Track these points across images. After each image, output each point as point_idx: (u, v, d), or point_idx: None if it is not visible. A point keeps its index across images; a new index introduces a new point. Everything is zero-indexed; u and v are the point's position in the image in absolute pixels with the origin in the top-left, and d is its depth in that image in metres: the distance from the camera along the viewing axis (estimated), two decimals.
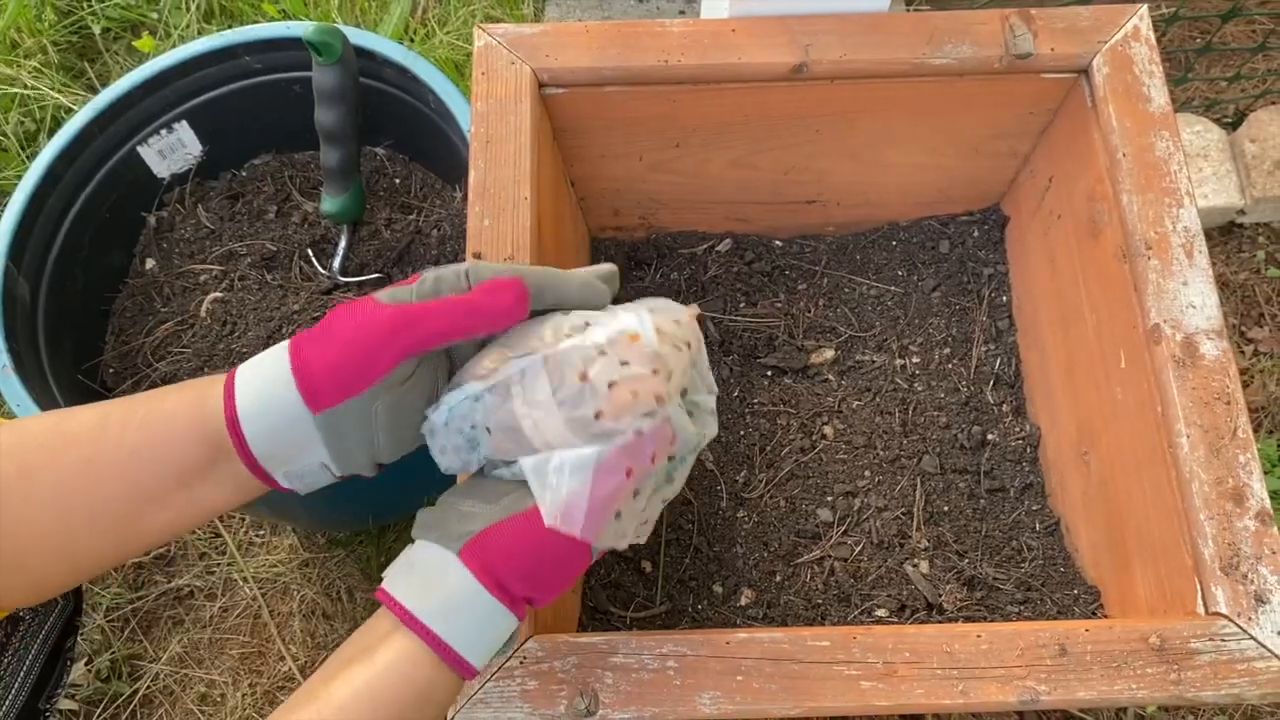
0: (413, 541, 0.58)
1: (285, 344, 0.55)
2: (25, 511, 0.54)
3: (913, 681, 0.64)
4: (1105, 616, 0.81)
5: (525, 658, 0.64)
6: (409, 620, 0.53)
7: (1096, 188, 0.82)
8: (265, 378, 0.54)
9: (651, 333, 0.56)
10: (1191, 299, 0.73)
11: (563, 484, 0.54)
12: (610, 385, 0.54)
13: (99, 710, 1.14)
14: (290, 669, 1.14)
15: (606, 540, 0.56)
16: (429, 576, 0.54)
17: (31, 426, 0.56)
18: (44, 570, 0.58)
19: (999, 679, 0.64)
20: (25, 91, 1.39)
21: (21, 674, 0.71)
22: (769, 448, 0.92)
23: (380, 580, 0.57)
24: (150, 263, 1.08)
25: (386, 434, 0.56)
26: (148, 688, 1.16)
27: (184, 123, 1.07)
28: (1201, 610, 0.66)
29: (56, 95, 1.38)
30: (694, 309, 0.61)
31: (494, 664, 0.64)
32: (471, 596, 0.54)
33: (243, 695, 1.14)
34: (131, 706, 1.15)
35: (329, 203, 1.01)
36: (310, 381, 0.53)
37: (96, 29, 1.47)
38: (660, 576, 0.87)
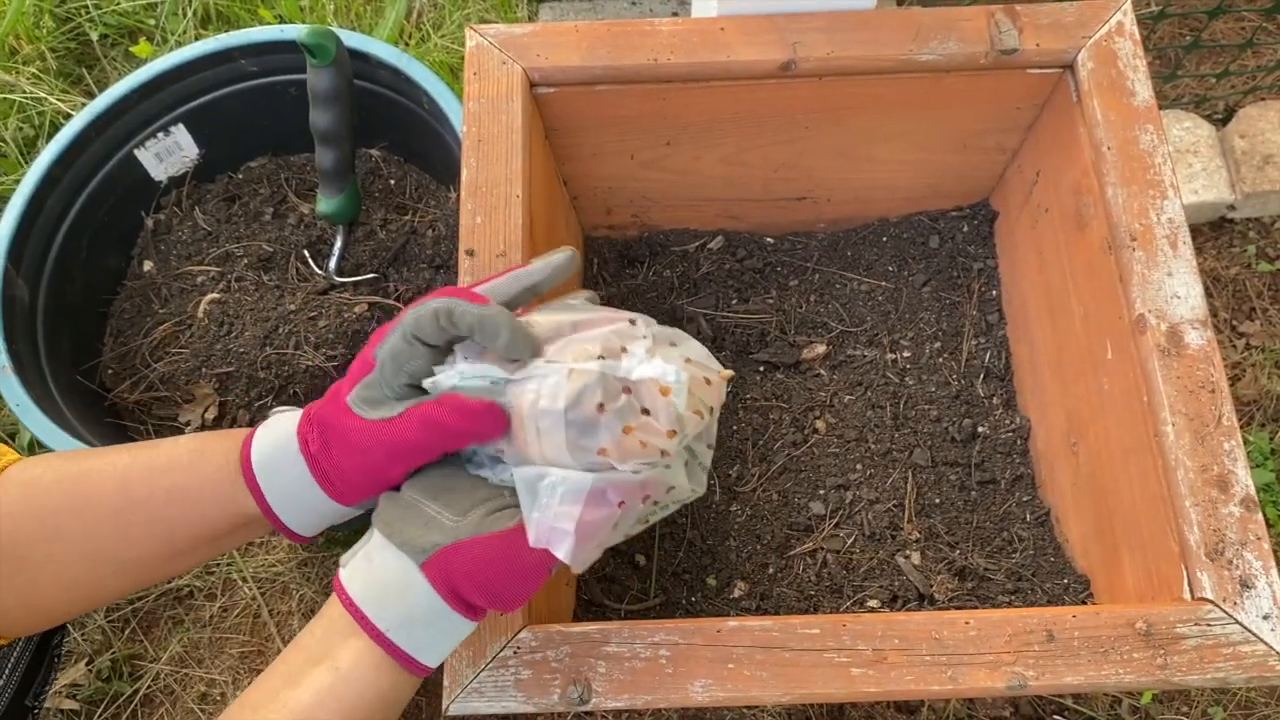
0: (371, 530, 0.58)
1: (294, 436, 0.57)
2: (52, 566, 0.57)
3: (902, 668, 0.64)
4: (1094, 604, 0.81)
5: (519, 648, 0.65)
6: (372, 632, 0.55)
7: (1082, 181, 0.82)
8: (289, 477, 0.57)
9: (684, 395, 0.56)
10: (1176, 289, 0.74)
11: (553, 504, 0.54)
12: (625, 429, 0.54)
13: (100, 710, 1.15)
14: None
15: (576, 563, 0.56)
16: (390, 586, 0.55)
17: (45, 480, 0.58)
18: (65, 611, 0.61)
19: (988, 665, 0.64)
20: (24, 98, 1.40)
21: (7, 672, 0.72)
22: (761, 442, 0.93)
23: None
24: (148, 264, 1.09)
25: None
26: (148, 687, 1.16)
27: (180, 126, 1.08)
28: (1188, 596, 0.67)
29: (55, 101, 1.39)
30: (728, 373, 0.61)
31: (488, 654, 0.65)
32: (435, 613, 0.55)
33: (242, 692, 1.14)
34: (132, 706, 1.15)
35: (324, 204, 1.02)
36: (338, 492, 0.57)
37: (94, 35, 1.48)
38: (654, 570, 0.87)
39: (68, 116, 1.39)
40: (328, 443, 0.56)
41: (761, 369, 0.97)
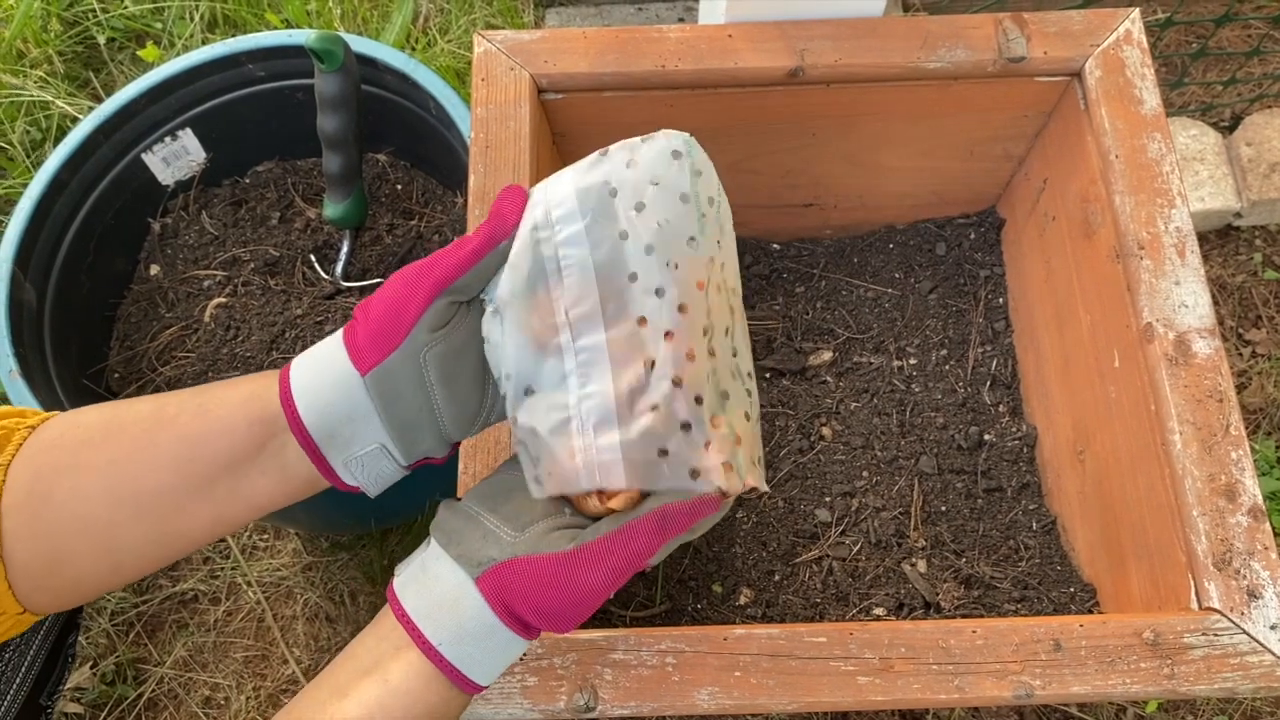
0: (428, 539, 0.56)
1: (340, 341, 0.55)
2: (74, 501, 0.54)
3: (909, 677, 0.64)
4: (1100, 613, 0.81)
5: (525, 654, 0.65)
6: (424, 645, 0.53)
7: (1090, 189, 0.82)
8: (317, 354, 0.55)
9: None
10: (1184, 298, 0.74)
11: (588, 431, 0.49)
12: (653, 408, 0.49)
13: (104, 713, 1.15)
14: (294, 672, 1.15)
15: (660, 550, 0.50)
16: (444, 599, 0.53)
17: (87, 417, 0.56)
18: (87, 567, 0.57)
19: (994, 674, 0.64)
20: (31, 101, 1.40)
21: (23, 670, 0.71)
22: (768, 449, 0.93)
23: (384, 580, 0.56)
24: (154, 268, 1.09)
25: (442, 389, 0.54)
26: (152, 691, 1.16)
27: (188, 130, 1.08)
28: (1195, 605, 0.67)
29: (62, 105, 1.39)
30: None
31: None
32: (488, 629, 0.53)
33: (246, 699, 1.14)
34: (136, 710, 1.15)
35: (331, 208, 1.02)
36: (354, 340, 0.53)
37: (102, 39, 1.49)
38: (660, 576, 0.87)
39: (75, 120, 1.39)
40: (371, 297, 0.54)
41: (768, 376, 0.97)
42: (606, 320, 0.50)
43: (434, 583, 0.54)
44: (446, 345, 0.53)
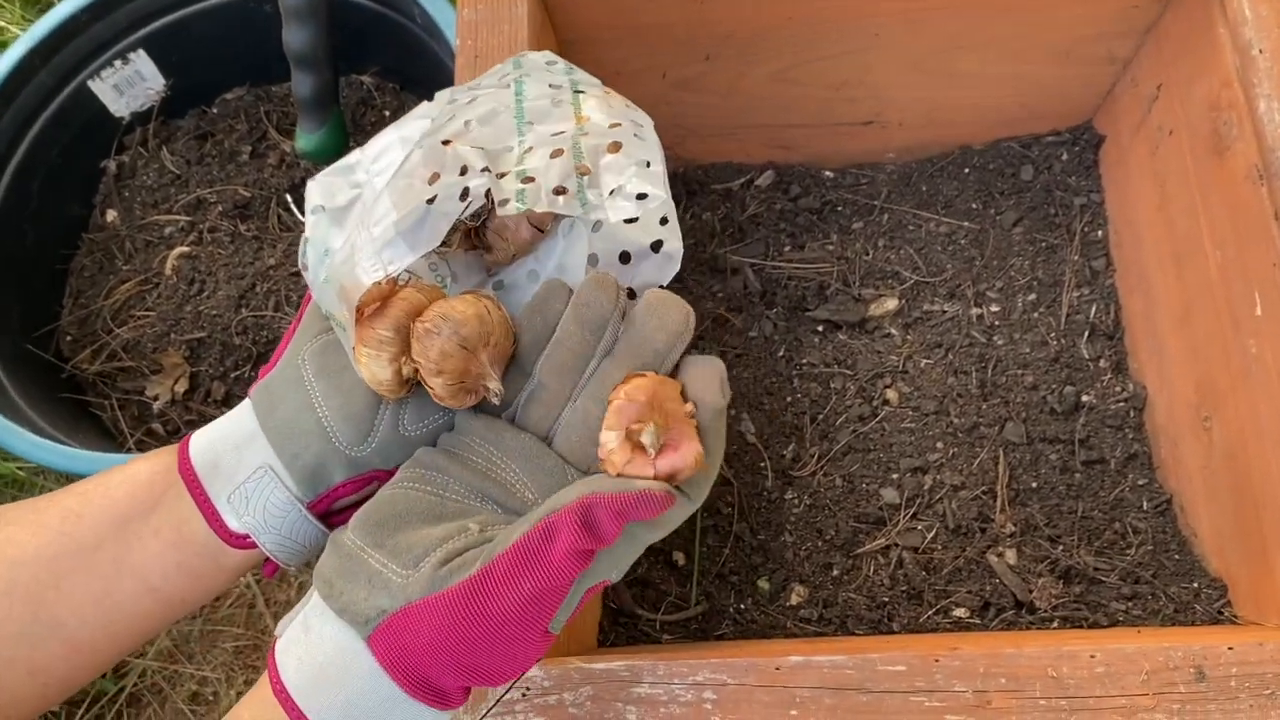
0: (312, 587, 0.45)
1: None
2: None
3: (1011, 715, 0.54)
4: (1236, 616, 0.69)
5: (529, 688, 0.55)
6: None
7: (1222, 94, 0.69)
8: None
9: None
10: None
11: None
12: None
13: (82, 710, 1.07)
14: None
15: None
16: (329, 668, 0.43)
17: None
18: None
19: (1120, 711, 0.54)
20: None
21: None
22: (822, 416, 0.81)
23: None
24: (111, 214, 0.98)
25: (321, 382, 0.49)
26: (134, 685, 1.08)
27: (141, 52, 0.98)
28: None
29: (16, 31, 1.27)
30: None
31: (490, 697, 0.54)
32: (384, 701, 0.42)
33: (237, 693, 1.07)
34: (117, 705, 1.07)
35: (304, 139, 0.89)
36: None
37: None
38: (695, 571, 0.77)
39: None
40: None
41: (820, 329, 0.85)
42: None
43: (317, 647, 0.43)
44: (325, 340, 0.50)
